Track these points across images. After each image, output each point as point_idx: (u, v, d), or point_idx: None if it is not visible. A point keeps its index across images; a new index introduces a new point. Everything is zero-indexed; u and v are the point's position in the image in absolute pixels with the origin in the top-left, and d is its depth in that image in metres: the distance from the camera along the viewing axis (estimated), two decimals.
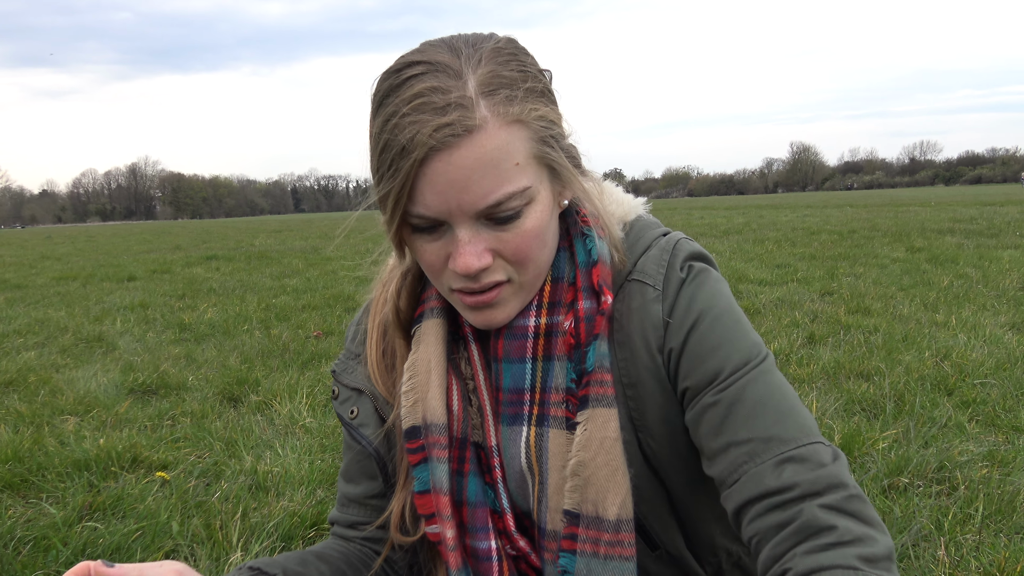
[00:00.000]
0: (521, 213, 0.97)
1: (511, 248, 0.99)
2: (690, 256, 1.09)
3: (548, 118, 0.98)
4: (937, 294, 6.94)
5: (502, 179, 0.94)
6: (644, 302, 1.06)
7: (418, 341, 1.14)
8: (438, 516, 1.11)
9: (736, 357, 1.01)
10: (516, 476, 1.11)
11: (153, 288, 10.47)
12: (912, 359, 4.51)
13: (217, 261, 15.18)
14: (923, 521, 2.44)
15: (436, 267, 1.02)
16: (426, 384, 1.11)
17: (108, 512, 2.74)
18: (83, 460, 3.24)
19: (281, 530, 2.52)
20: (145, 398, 4.49)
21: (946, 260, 9.54)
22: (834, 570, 0.86)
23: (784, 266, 9.80)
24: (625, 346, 1.06)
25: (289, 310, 7.77)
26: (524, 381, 1.09)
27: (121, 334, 6.72)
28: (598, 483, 1.02)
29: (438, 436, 1.10)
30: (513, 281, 1.03)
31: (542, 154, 0.98)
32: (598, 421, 1.03)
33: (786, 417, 0.97)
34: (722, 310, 1.05)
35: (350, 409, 1.23)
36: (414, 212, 0.96)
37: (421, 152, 0.90)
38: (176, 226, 63.72)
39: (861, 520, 0.90)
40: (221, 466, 3.21)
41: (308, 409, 4.00)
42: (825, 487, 0.91)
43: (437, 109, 0.90)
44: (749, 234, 16.04)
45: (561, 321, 1.07)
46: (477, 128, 0.91)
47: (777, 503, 0.92)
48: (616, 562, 1.03)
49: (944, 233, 13.66)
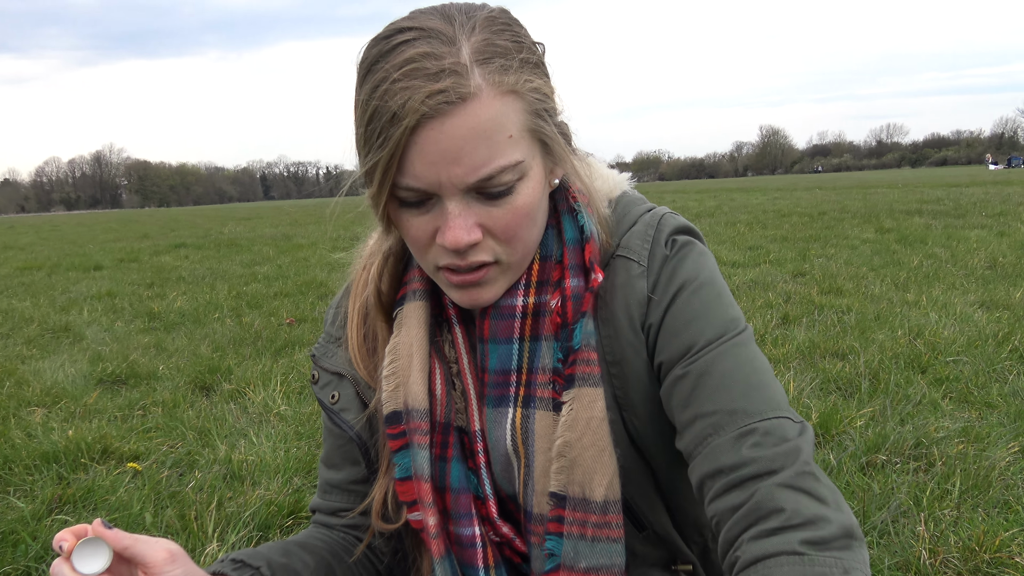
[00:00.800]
0: (513, 188, 0.94)
1: (501, 225, 0.95)
2: (675, 230, 1.06)
3: (542, 91, 0.95)
4: (907, 274, 7.01)
5: (495, 151, 0.91)
6: (629, 278, 1.03)
7: (400, 324, 1.11)
8: (420, 503, 1.08)
9: (710, 331, 0.99)
10: (501, 459, 1.09)
11: (121, 277, 10.30)
12: (885, 338, 4.55)
13: (186, 249, 14.97)
14: (902, 497, 2.46)
15: (422, 243, 0.98)
16: (408, 368, 1.08)
17: (79, 505, 2.68)
18: (51, 452, 3.17)
19: (258, 519, 2.48)
20: (114, 388, 4.40)
21: (915, 240, 9.65)
22: (779, 557, 0.85)
23: (756, 248, 9.87)
24: (609, 323, 1.04)
25: (261, 297, 7.67)
26: (511, 362, 1.06)
27: (88, 324, 6.59)
28: (585, 464, 1.00)
29: (419, 422, 1.07)
30: (501, 262, 0.99)
31: (536, 127, 0.95)
32: (584, 401, 1.01)
33: (754, 390, 0.96)
34: (702, 282, 1.02)
35: (331, 394, 1.20)
36: (403, 184, 0.93)
37: (413, 119, 0.87)
38: (143, 214, 62.82)
39: (815, 498, 0.88)
40: (194, 456, 3.15)
41: (283, 397, 3.94)
42: (781, 464, 0.90)
43: (430, 75, 0.86)
44: (721, 217, 16.13)
45: (548, 300, 1.05)
46: (471, 96, 0.88)
47: (734, 481, 0.91)
48: (604, 544, 1.01)
49: (912, 214, 13.83)
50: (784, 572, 0.84)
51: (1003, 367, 3.85)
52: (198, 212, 59.58)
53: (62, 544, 0.90)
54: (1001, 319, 4.90)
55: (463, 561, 1.11)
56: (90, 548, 0.91)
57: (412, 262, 1.14)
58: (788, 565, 0.84)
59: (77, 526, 0.93)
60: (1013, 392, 3.49)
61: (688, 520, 1.16)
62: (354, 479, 1.23)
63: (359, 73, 0.93)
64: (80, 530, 0.92)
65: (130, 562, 0.94)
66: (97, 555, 0.91)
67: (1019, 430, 3.00)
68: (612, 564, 1.01)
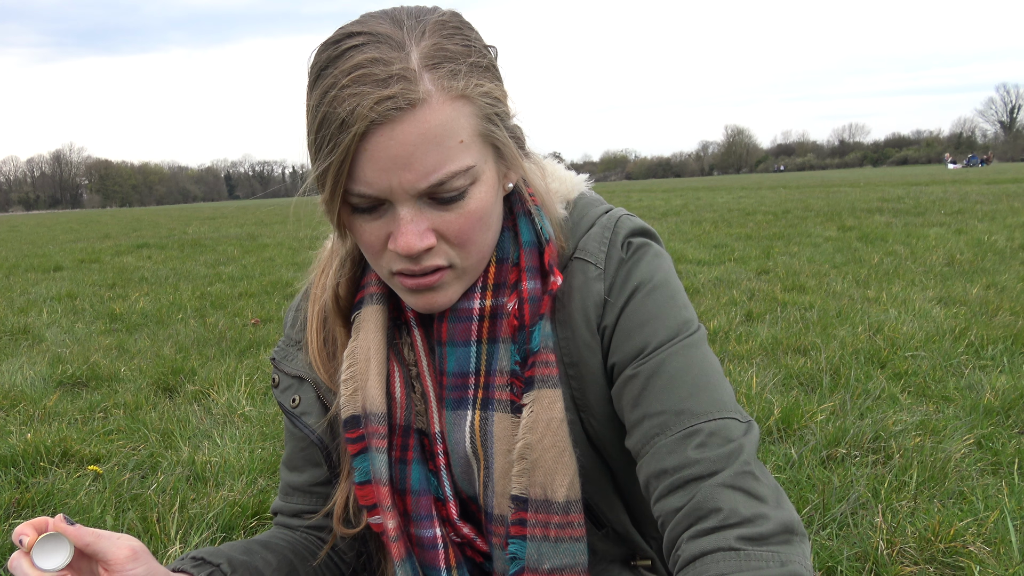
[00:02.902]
0: (465, 193, 0.94)
1: (454, 229, 0.95)
2: (631, 232, 1.07)
3: (493, 95, 0.95)
4: (868, 271, 7.13)
5: (446, 157, 0.90)
6: (586, 280, 1.04)
7: (357, 328, 1.11)
8: (379, 507, 1.09)
9: (663, 332, 1.00)
10: (461, 461, 1.09)
11: (81, 278, 10.12)
12: (846, 334, 4.62)
13: (149, 249, 14.74)
14: (861, 490, 2.50)
15: (376, 248, 0.98)
16: (365, 372, 1.08)
17: (37, 508, 2.63)
18: (9, 456, 3.11)
19: (221, 520, 2.46)
20: (75, 391, 4.33)
21: (876, 238, 9.83)
22: (715, 553, 0.87)
23: (721, 246, 9.97)
24: (566, 325, 1.05)
25: (225, 298, 7.59)
26: (469, 364, 1.06)
27: (48, 325, 6.47)
28: (545, 465, 1.01)
29: (377, 426, 1.08)
30: (455, 266, 0.99)
31: (487, 132, 0.95)
32: (544, 403, 1.02)
33: (701, 391, 0.97)
34: (656, 284, 1.03)
35: (291, 397, 1.19)
36: (354, 191, 0.92)
37: (362, 126, 0.87)
38: (105, 214, 61.73)
39: (753, 496, 0.90)
40: (157, 458, 3.12)
41: (247, 397, 3.91)
42: (723, 465, 0.92)
43: (378, 81, 0.87)
44: (687, 216, 16.26)
45: (505, 303, 1.05)
46: (421, 102, 0.88)
47: (677, 482, 0.93)
48: (567, 544, 1.02)
49: (873, 212, 14.07)
50: (720, 568, 0.86)
51: (959, 361, 3.94)
52: (161, 212, 58.69)
53: (22, 538, 0.89)
54: (958, 315, 5.01)
55: (425, 563, 1.11)
56: (51, 544, 0.90)
57: (369, 266, 1.13)
58: (724, 561, 0.86)
59: (38, 519, 0.92)
60: (969, 386, 3.57)
61: (646, 517, 1.18)
62: (316, 481, 1.22)
63: (309, 78, 0.93)
64: (40, 523, 0.91)
65: (91, 559, 0.93)
66: (58, 551, 0.90)
67: (974, 423, 3.07)
68: (576, 563, 1.02)
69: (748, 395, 3.47)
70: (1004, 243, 8.46)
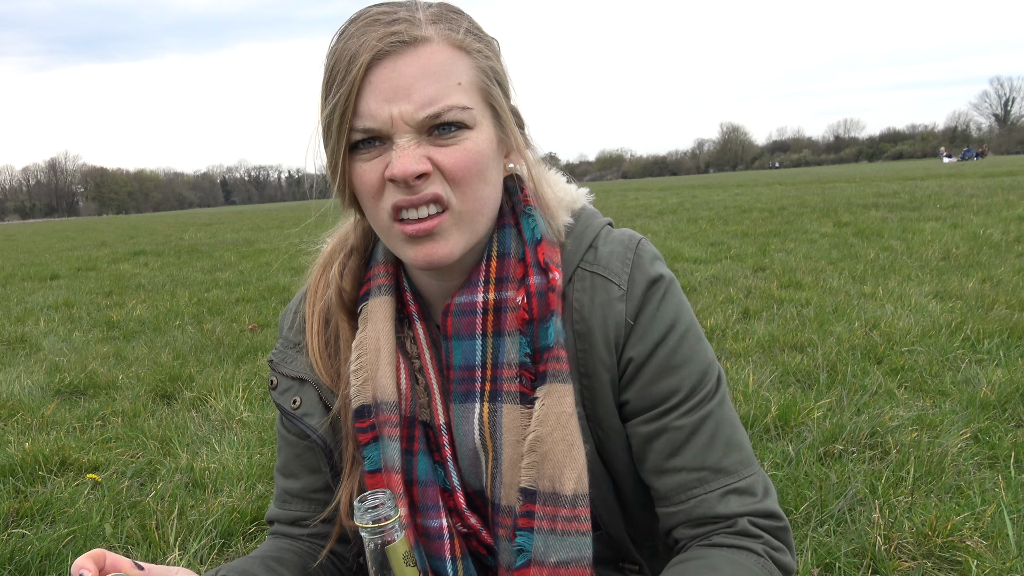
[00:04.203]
0: (462, 131, 0.98)
1: (451, 162, 0.98)
2: (654, 258, 1.11)
3: (492, 60, 1.02)
4: (864, 266, 7.15)
5: (444, 92, 0.97)
6: (608, 299, 1.06)
7: (365, 320, 1.12)
8: None
9: (694, 379, 1.07)
10: (469, 454, 1.10)
11: (78, 286, 10.11)
12: (843, 330, 4.63)
13: (145, 256, 14.74)
14: (858, 485, 2.51)
15: (375, 186, 1.00)
16: (375, 362, 1.10)
17: (36, 518, 2.64)
18: (7, 465, 3.11)
19: (220, 527, 2.46)
20: (73, 399, 4.33)
21: (872, 234, 9.84)
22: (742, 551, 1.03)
23: (718, 244, 9.98)
24: (585, 338, 1.07)
25: (222, 304, 7.59)
26: (475, 358, 1.08)
27: (45, 334, 6.47)
28: (555, 458, 1.03)
29: (389, 414, 1.09)
30: (452, 208, 1.00)
31: (485, 87, 1.01)
32: (555, 396, 1.04)
33: (733, 450, 1.07)
34: (687, 326, 1.09)
35: (292, 399, 1.19)
36: (358, 126, 0.97)
37: (368, 56, 0.95)
38: (101, 222, 61.66)
39: (782, 541, 1.07)
40: (156, 465, 3.12)
41: (245, 403, 3.91)
42: (761, 514, 1.06)
43: (385, 23, 0.96)
44: (683, 214, 16.28)
45: (512, 296, 1.07)
46: (422, 40, 0.96)
47: (723, 527, 1.06)
48: (573, 537, 1.03)
49: (869, 208, 14.08)
50: (743, 557, 1.01)
51: (955, 356, 3.95)
52: (157, 219, 58.64)
53: (83, 572, 0.86)
54: (954, 309, 5.02)
55: (430, 553, 1.12)
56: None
57: (375, 257, 1.15)
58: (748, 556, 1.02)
59: (95, 551, 0.88)
60: (965, 380, 3.58)
61: (641, 528, 1.20)
62: (314, 488, 1.23)
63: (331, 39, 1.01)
64: (99, 556, 0.87)
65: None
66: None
67: (970, 417, 3.08)
68: (581, 557, 1.03)
69: (745, 393, 3.47)
70: (1000, 236, 8.48)
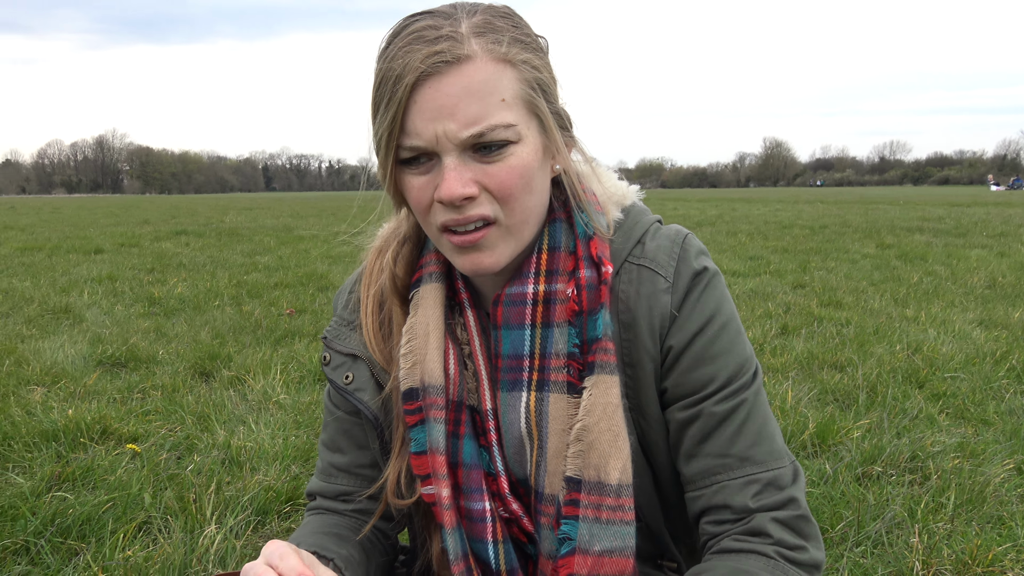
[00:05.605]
0: (507, 147, 0.99)
1: (496, 182, 1.00)
2: (700, 252, 1.12)
3: (538, 69, 1.02)
4: (907, 290, 7.04)
5: (488, 110, 0.97)
6: (655, 291, 1.08)
7: (416, 305, 1.15)
8: (434, 476, 1.11)
9: (731, 368, 1.08)
10: (514, 442, 1.12)
11: (121, 261, 10.30)
12: (884, 352, 4.56)
13: (187, 236, 14.97)
14: (896, 508, 2.47)
15: (424, 203, 1.03)
16: (424, 347, 1.12)
17: (78, 483, 2.69)
18: (51, 431, 3.18)
19: (256, 504, 2.49)
20: (114, 371, 4.41)
21: (915, 257, 9.69)
22: (750, 555, 1.02)
23: (757, 258, 9.89)
24: (630, 328, 1.08)
25: (261, 287, 7.68)
26: (523, 347, 1.10)
27: (89, 306, 6.59)
28: (601, 448, 1.04)
29: (435, 397, 1.11)
30: (500, 223, 1.03)
31: (529, 98, 1.01)
32: (602, 387, 1.05)
33: (763, 442, 1.07)
34: (727, 318, 1.09)
35: (344, 375, 1.21)
36: (405, 144, 0.99)
37: (412, 77, 0.96)
38: (144, 200, 62.72)
39: (800, 535, 1.04)
40: (193, 440, 3.17)
41: (282, 385, 3.95)
42: (779, 506, 1.05)
43: (429, 41, 0.97)
44: (722, 226, 16.15)
45: (562, 289, 1.08)
46: (466, 58, 0.96)
47: (735, 517, 1.05)
48: (617, 526, 1.05)
49: (913, 231, 13.86)
50: (750, 564, 1.00)
51: (1000, 385, 3.87)
52: (199, 200, 59.53)
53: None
54: (999, 338, 4.93)
55: (472, 535, 1.14)
56: None
57: (427, 246, 1.17)
58: (755, 560, 1.01)
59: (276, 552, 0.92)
60: (1010, 410, 3.51)
61: (679, 522, 1.20)
62: (360, 463, 1.24)
63: (377, 53, 1.02)
64: None
65: None
66: None
67: (1015, 448, 3.02)
68: (625, 547, 1.05)
69: (783, 408, 3.44)
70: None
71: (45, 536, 2.28)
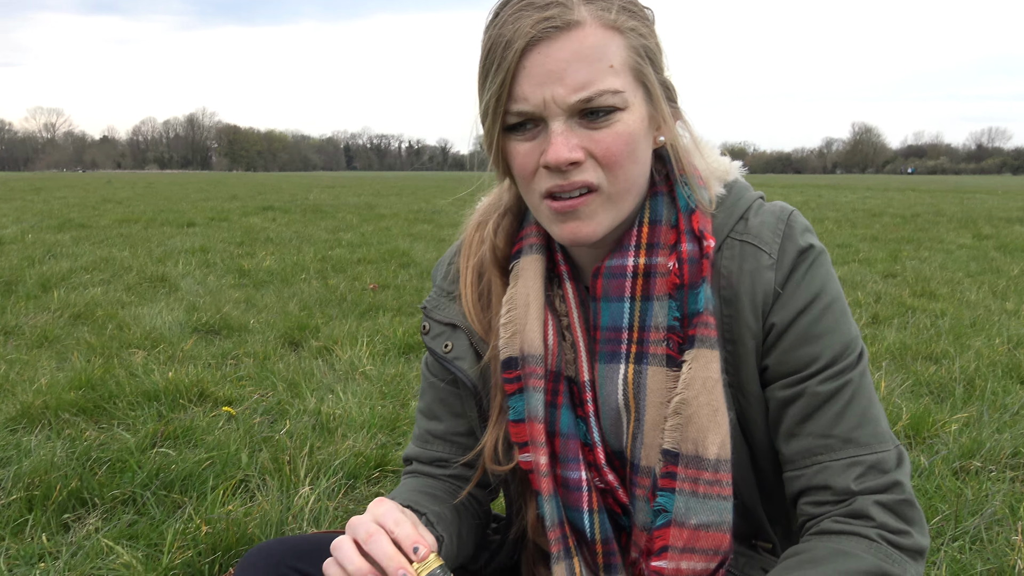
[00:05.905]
0: (614, 114, 1.00)
1: (602, 148, 1.00)
2: (806, 229, 1.10)
3: (643, 35, 1.02)
4: (1007, 282, 6.73)
5: (596, 76, 0.98)
6: (758, 267, 1.07)
7: (516, 276, 1.16)
8: (532, 444, 1.12)
9: (837, 347, 1.06)
10: (611, 413, 1.12)
11: (212, 235, 10.67)
12: (982, 345, 4.39)
13: (273, 212, 15.39)
14: (997, 505, 2.38)
15: (529, 169, 1.03)
16: (524, 317, 1.13)
17: (179, 441, 2.81)
18: (152, 391, 3.33)
19: (347, 468, 2.56)
20: (208, 337, 4.58)
21: (1016, 249, 9.26)
22: (852, 537, 1.00)
23: (845, 246, 9.61)
24: (732, 304, 1.07)
25: (345, 262, 7.85)
26: (623, 320, 1.10)
27: (183, 276, 6.86)
28: (699, 422, 1.04)
29: (534, 367, 1.12)
30: (602, 190, 1.03)
31: (636, 66, 1.01)
32: (702, 361, 1.05)
33: (867, 424, 1.05)
34: (833, 297, 1.07)
35: (444, 344, 1.23)
36: (513, 109, 1.00)
37: (521, 43, 0.96)
38: (231, 177, 64.75)
39: (903, 519, 1.02)
40: (285, 405, 3.27)
41: (368, 357, 4.04)
42: (883, 489, 1.02)
43: (539, 7, 0.97)
44: (808, 213, 15.72)
45: (663, 262, 1.08)
46: (575, 24, 0.97)
47: (836, 499, 1.03)
48: (714, 501, 1.04)
49: (1014, 222, 13.24)
50: (851, 545, 0.99)
51: None
52: (284, 178, 61.09)
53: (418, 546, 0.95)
54: None
55: (568, 504, 1.15)
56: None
57: (527, 218, 1.18)
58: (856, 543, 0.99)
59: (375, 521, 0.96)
60: None
61: (777, 504, 1.18)
62: (456, 431, 1.27)
63: (485, 24, 1.03)
64: None
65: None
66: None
67: None
68: (721, 521, 1.04)
69: None
70: None
71: (151, 488, 2.40)
